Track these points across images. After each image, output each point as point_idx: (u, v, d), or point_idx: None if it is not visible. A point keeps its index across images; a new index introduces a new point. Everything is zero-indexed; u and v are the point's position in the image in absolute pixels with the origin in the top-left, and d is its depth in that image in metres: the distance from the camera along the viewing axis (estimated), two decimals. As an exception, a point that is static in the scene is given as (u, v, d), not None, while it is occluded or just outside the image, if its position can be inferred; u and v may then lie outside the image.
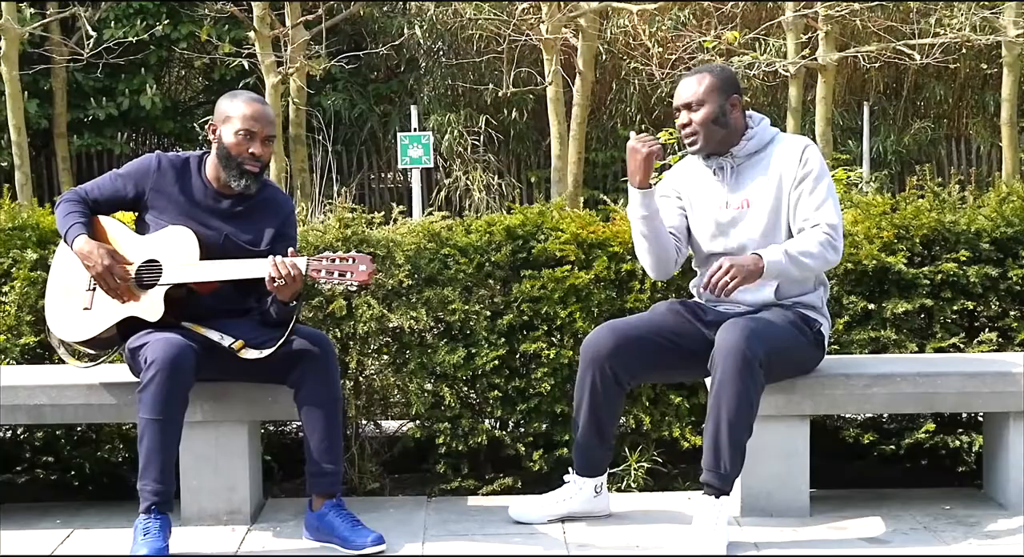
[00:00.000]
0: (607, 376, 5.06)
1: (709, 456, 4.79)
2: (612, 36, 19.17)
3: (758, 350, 4.72)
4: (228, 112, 5.09)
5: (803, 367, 5.14)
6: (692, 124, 5.07)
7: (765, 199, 5.04)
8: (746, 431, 4.77)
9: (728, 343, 4.74)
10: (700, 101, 5.05)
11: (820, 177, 4.97)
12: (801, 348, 5.02)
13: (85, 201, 5.10)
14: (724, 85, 5.10)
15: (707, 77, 5.09)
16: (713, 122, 5.06)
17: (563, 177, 14.21)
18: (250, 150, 5.02)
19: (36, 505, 5.64)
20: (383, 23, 20.86)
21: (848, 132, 19.83)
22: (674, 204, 5.28)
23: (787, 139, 5.12)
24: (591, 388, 5.09)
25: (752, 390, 4.73)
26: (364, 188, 21.06)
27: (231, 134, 5.04)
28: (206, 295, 4.99)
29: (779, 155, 5.06)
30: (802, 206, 4.98)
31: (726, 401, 4.72)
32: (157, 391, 4.66)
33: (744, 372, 4.70)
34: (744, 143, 5.10)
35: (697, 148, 5.10)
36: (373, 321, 5.59)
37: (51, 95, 19.19)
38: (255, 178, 5.07)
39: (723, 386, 4.73)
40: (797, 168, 5.00)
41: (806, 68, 15.18)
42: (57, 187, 19.07)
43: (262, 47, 14.31)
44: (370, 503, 5.53)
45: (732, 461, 4.75)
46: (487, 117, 20.02)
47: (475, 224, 5.91)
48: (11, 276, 5.75)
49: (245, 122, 5.04)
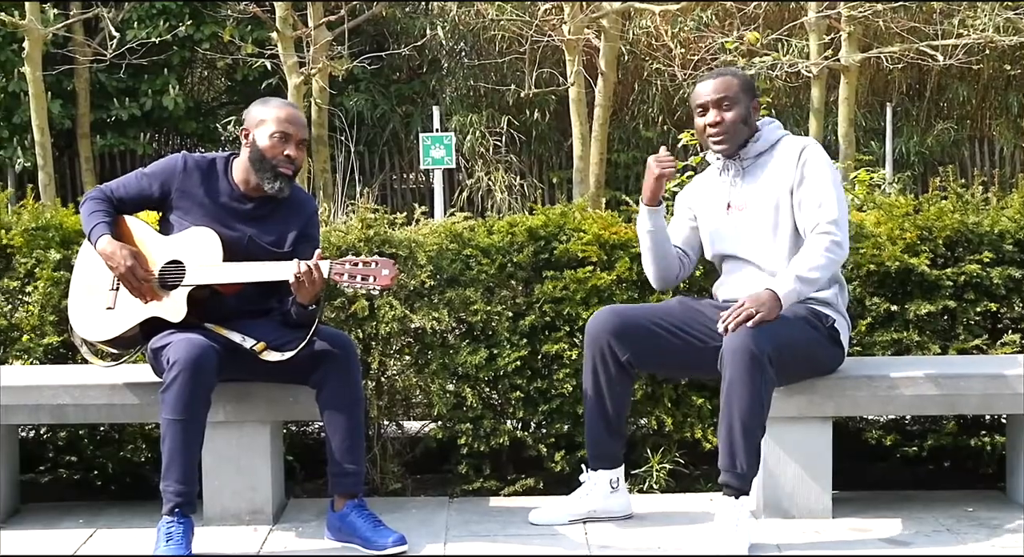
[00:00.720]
0: (606, 355, 5.07)
1: (725, 457, 4.79)
2: (634, 37, 19.15)
3: (766, 347, 4.70)
4: (262, 116, 5.11)
5: (820, 365, 5.11)
6: (724, 122, 5.07)
7: (765, 200, 5.05)
8: (759, 429, 4.76)
9: (735, 342, 4.73)
10: (732, 100, 5.07)
11: (819, 175, 4.98)
12: (814, 344, 4.99)
13: (110, 200, 5.11)
14: (749, 87, 5.13)
15: (734, 78, 5.11)
16: (743, 122, 5.08)
17: (585, 178, 14.21)
18: (285, 152, 5.04)
19: (59, 504, 5.66)
20: (405, 24, 20.88)
21: (871, 133, 19.79)
22: (686, 222, 5.35)
23: (791, 140, 5.13)
24: (593, 370, 5.12)
25: (763, 388, 4.72)
26: (386, 189, 21.08)
27: (266, 136, 5.05)
28: (229, 296, 5.00)
29: (780, 156, 5.08)
30: (805, 208, 4.98)
31: (737, 400, 4.72)
32: (180, 391, 4.67)
33: (753, 370, 4.69)
34: (751, 145, 5.12)
35: (725, 147, 5.11)
36: (395, 322, 5.59)
37: (74, 95, 19.26)
38: (288, 181, 5.08)
39: (733, 385, 4.73)
40: (795, 169, 5.00)
41: (829, 69, 15.16)
42: (80, 187, 19.14)
43: (285, 48, 14.34)
44: (392, 503, 5.53)
45: (748, 460, 4.75)
46: (509, 118, 20.03)
47: (497, 225, 5.90)
48: (35, 276, 5.77)
49: (280, 124, 5.06)
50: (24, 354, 5.70)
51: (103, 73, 19.05)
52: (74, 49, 17.68)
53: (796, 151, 5.04)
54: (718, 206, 5.19)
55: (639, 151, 20.10)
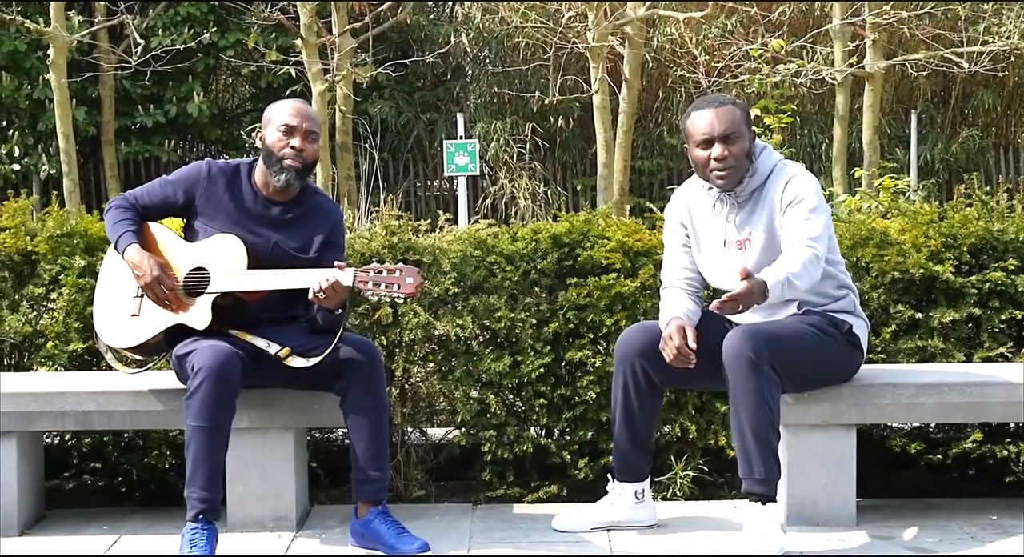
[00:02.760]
0: (638, 374, 5.08)
1: (742, 465, 4.80)
2: (659, 44, 19.14)
3: (762, 350, 4.70)
4: (270, 115, 5.17)
5: (836, 369, 5.11)
6: (731, 157, 4.95)
7: (763, 239, 4.99)
8: (770, 431, 4.76)
9: (732, 349, 4.75)
10: (737, 134, 4.96)
11: (803, 200, 4.90)
12: (827, 348, 4.97)
13: (135, 207, 5.13)
14: (749, 118, 5.05)
15: (736, 109, 5.00)
16: (746, 156, 4.99)
17: (609, 185, 14.19)
18: (291, 144, 5.05)
19: (83, 511, 5.67)
20: (430, 31, 20.89)
21: (895, 140, 19.74)
22: (682, 248, 5.24)
23: (782, 172, 5.02)
24: (623, 386, 5.12)
25: (765, 390, 4.71)
26: (410, 196, 21.09)
27: (273, 132, 5.08)
28: (253, 303, 5.01)
29: (771, 191, 4.99)
30: (787, 228, 4.92)
31: (742, 407, 4.73)
32: (204, 398, 4.68)
33: (752, 374, 4.69)
34: (747, 181, 5.02)
35: (728, 182, 5.01)
36: (419, 328, 5.60)
37: (99, 102, 19.32)
38: (297, 175, 5.08)
39: (736, 393, 4.74)
40: (783, 197, 4.94)
41: (853, 76, 15.14)
42: (105, 194, 19.18)
43: (309, 55, 14.36)
44: (416, 510, 5.54)
45: (765, 464, 4.74)
46: (533, 125, 20.01)
47: (521, 232, 5.90)
48: (59, 283, 5.79)
49: (285, 118, 5.09)
50: (49, 361, 5.72)
51: (128, 80, 19.11)
52: (99, 56, 17.72)
53: (782, 185, 4.96)
54: (715, 242, 5.13)
55: (663, 158, 20.09)
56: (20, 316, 5.80)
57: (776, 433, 4.79)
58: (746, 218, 5.04)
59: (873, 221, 5.96)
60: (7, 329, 5.75)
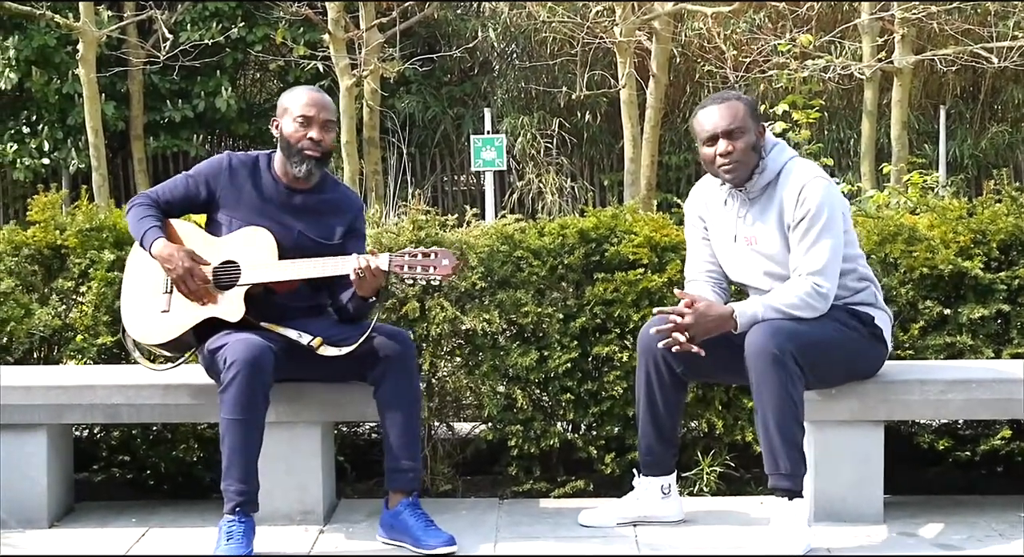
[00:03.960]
0: (660, 366, 5.09)
1: (768, 460, 4.80)
2: (686, 39, 19.09)
3: (786, 345, 4.70)
4: (285, 104, 5.19)
5: (860, 364, 5.09)
6: (736, 152, 4.94)
7: (770, 237, 4.99)
8: (795, 426, 4.76)
9: (755, 344, 4.75)
10: (742, 128, 4.95)
11: (816, 217, 4.86)
12: (850, 342, 4.96)
13: (156, 204, 5.15)
14: (754, 112, 5.02)
15: (740, 104, 4.99)
16: (752, 149, 4.97)
17: (636, 180, 14.17)
18: (308, 135, 5.07)
19: (112, 503, 5.70)
20: (457, 26, 20.89)
21: (924, 136, 19.66)
22: (702, 241, 5.26)
23: (795, 172, 4.98)
24: (646, 378, 5.13)
25: (789, 385, 4.71)
26: (437, 190, 21.11)
27: (290, 123, 5.11)
28: (280, 294, 5.02)
29: (784, 191, 4.95)
30: (794, 251, 4.92)
31: (766, 402, 4.73)
32: (238, 391, 4.70)
33: (776, 369, 4.69)
34: (756, 178, 5.00)
35: (736, 177, 5.01)
36: (446, 323, 5.60)
37: (128, 97, 19.38)
38: (316, 163, 5.11)
39: (760, 388, 4.75)
40: (795, 209, 4.91)
41: (882, 71, 15.09)
42: (133, 188, 19.25)
43: (336, 50, 14.37)
44: (442, 504, 5.54)
45: (790, 459, 4.74)
46: (560, 120, 20.01)
47: (548, 227, 5.91)
48: (88, 276, 5.82)
49: (301, 109, 5.11)
50: (78, 354, 5.74)
51: (156, 75, 19.15)
52: (128, 51, 17.78)
53: (796, 190, 4.91)
54: (726, 236, 5.13)
55: (690, 153, 20.03)
56: (50, 309, 5.83)
57: (801, 428, 4.79)
58: (757, 214, 5.03)
59: (902, 217, 5.95)
60: (37, 322, 5.77)
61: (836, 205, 4.92)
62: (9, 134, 19.29)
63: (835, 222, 4.90)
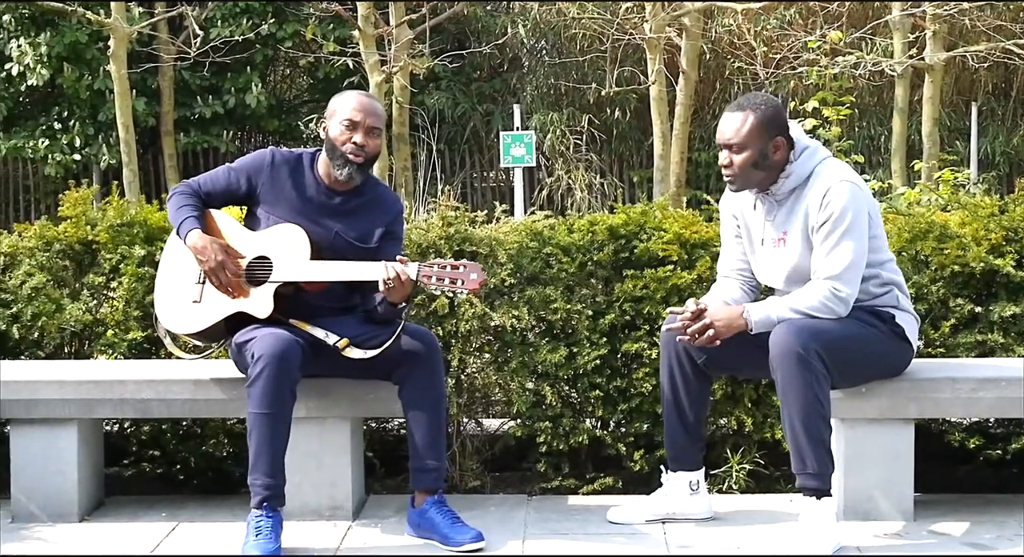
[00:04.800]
0: (681, 357, 5.10)
1: (795, 460, 4.80)
2: (716, 35, 19.05)
3: (811, 344, 4.69)
4: (334, 107, 5.17)
5: (887, 363, 5.07)
6: (733, 166, 4.95)
7: (795, 240, 4.96)
8: (822, 425, 4.75)
9: (780, 344, 4.73)
10: (741, 145, 4.92)
11: (839, 220, 4.84)
12: (872, 341, 4.94)
13: (198, 194, 5.17)
14: (767, 126, 4.92)
15: (750, 117, 4.92)
16: (753, 166, 4.93)
17: (666, 177, 14.16)
18: (353, 139, 5.06)
19: (142, 498, 5.72)
20: (486, 22, 20.89)
21: (956, 133, 19.57)
22: (735, 240, 5.26)
23: (823, 175, 4.94)
24: (669, 373, 5.14)
25: (815, 385, 4.70)
26: (467, 187, 21.11)
27: (336, 126, 5.10)
28: (312, 293, 5.03)
29: (811, 194, 4.92)
30: (815, 254, 4.91)
31: (792, 402, 4.73)
32: (265, 386, 4.71)
33: (801, 369, 4.68)
34: (782, 181, 4.98)
35: (735, 188, 5.05)
36: (475, 319, 5.61)
37: (159, 93, 19.43)
38: (359, 169, 5.10)
39: (786, 388, 4.74)
40: (818, 212, 4.88)
41: (913, 68, 15.03)
42: (164, 184, 19.30)
43: (366, 46, 14.39)
44: (471, 501, 5.55)
45: (817, 459, 4.74)
46: (590, 116, 19.97)
47: (577, 223, 5.91)
48: (119, 272, 5.84)
49: (348, 113, 5.10)
50: (109, 349, 5.77)
51: (187, 71, 19.19)
52: (158, 47, 17.83)
53: (821, 192, 4.88)
54: (755, 238, 5.14)
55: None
56: (81, 305, 5.85)
57: (828, 427, 4.78)
58: (784, 217, 5.01)
59: (933, 214, 5.92)
60: (68, 317, 5.79)
61: (861, 209, 4.89)
62: (41, 130, 19.35)
63: (859, 226, 4.87)
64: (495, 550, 4.88)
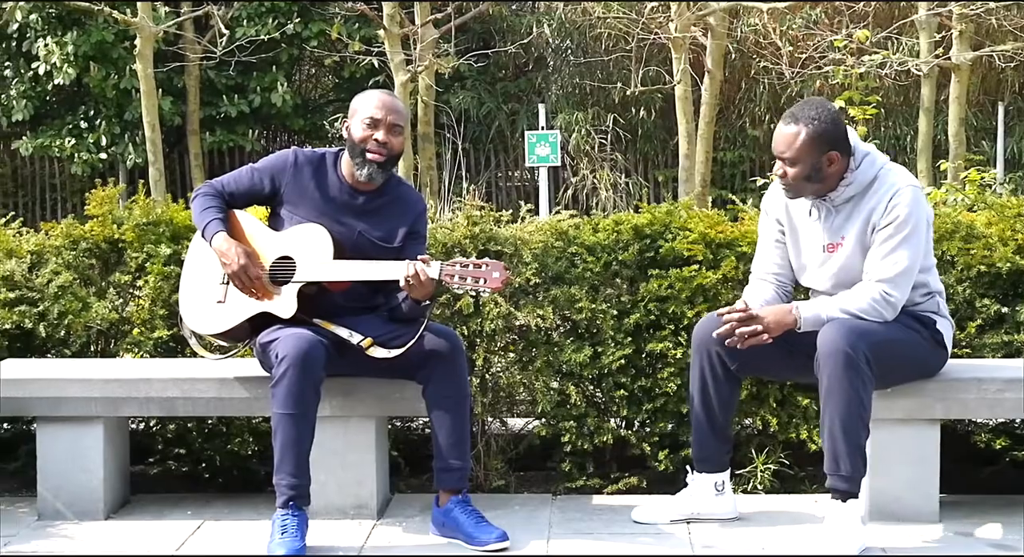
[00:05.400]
0: (714, 361, 5.09)
1: (829, 461, 4.78)
2: (742, 35, 19.02)
3: (861, 347, 4.68)
4: (356, 106, 5.18)
5: (924, 366, 5.07)
6: (788, 177, 4.93)
7: (852, 243, 4.95)
8: (862, 430, 4.74)
9: (829, 344, 4.72)
10: (794, 159, 4.89)
11: (902, 225, 4.83)
12: (915, 346, 4.95)
13: (221, 195, 5.17)
14: (820, 141, 4.87)
15: (803, 132, 4.87)
16: (805, 179, 4.92)
17: (691, 176, 14.13)
18: (374, 137, 5.06)
19: (167, 496, 5.74)
20: (512, 21, 20.90)
21: (982, 132, 19.51)
22: (775, 243, 5.24)
23: (887, 180, 4.94)
24: (699, 373, 5.13)
25: (860, 389, 4.69)
26: (492, 186, 21.11)
27: (358, 124, 5.10)
28: (336, 293, 5.04)
29: (874, 199, 4.91)
30: (871, 254, 4.90)
31: (835, 404, 4.70)
32: (289, 386, 4.72)
33: (850, 371, 4.66)
34: (842, 189, 4.96)
35: (791, 196, 5.05)
36: (500, 319, 5.61)
37: (184, 92, 19.47)
38: (379, 169, 5.10)
39: (831, 389, 4.71)
40: (884, 214, 4.87)
41: (939, 67, 14.97)
42: (190, 183, 19.35)
43: (392, 45, 14.39)
44: (495, 500, 5.55)
45: (852, 463, 4.72)
46: (615, 116, 19.96)
47: (603, 223, 5.90)
48: (145, 270, 5.85)
49: (370, 110, 5.11)
50: (135, 347, 5.78)
51: (213, 70, 19.23)
52: (184, 46, 17.87)
53: (887, 197, 4.87)
54: (809, 243, 5.11)
55: (745, 150, 19.99)
56: (107, 303, 5.87)
57: (866, 431, 4.76)
58: (841, 224, 4.99)
59: (959, 214, 5.90)
60: (94, 316, 5.81)
61: (923, 217, 4.90)
62: (67, 129, 19.41)
63: (918, 234, 4.87)
64: (519, 550, 4.89)
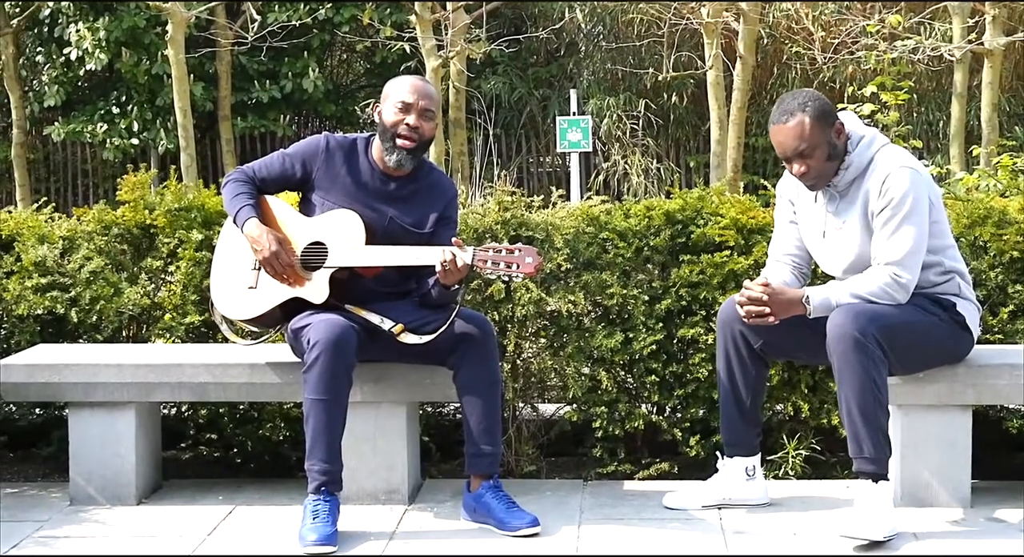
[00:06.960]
0: (738, 341, 5.11)
1: (852, 445, 4.79)
2: (774, 20, 18.93)
3: (868, 328, 4.68)
4: (388, 91, 5.19)
5: (946, 351, 5.05)
6: (811, 170, 4.91)
7: (857, 228, 4.95)
8: (878, 410, 4.74)
9: (837, 328, 4.73)
10: (812, 146, 4.87)
11: (899, 206, 4.82)
12: (932, 328, 4.93)
13: (252, 180, 5.18)
14: (822, 118, 4.89)
15: (806, 119, 4.86)
16: (827, 159, 4.91)
17: (722, 162, 14.10)
18: (406, 121, 5.06)
19: (199, 481, 5.77)
20: (543, 7, 20.84)
21: (1015, 118, 19.39)
22: (789, 225, 5.25)
23: (882, 162, 4.92)
24: (726, 357, 5.15)
25: (871, 369, 4.69)
26: (523, 171, 21.08)
27: (389, 109, 5.10)
28: (368, 278, 5.05)
29: (871, 181, 4.91)
30: (875, 239, 4.89)
31: (849, 387, 4.72)
32: (321, 372, 4.73)
33: (859, 354, 4.67)
34: (842, 173, 4.96)
35: (817, 187, 5.02)
36: (531, 304, 5.61)
37: (216, 78, 19.48)
38: (409, 154, 5.10)
39: (843, 373, 4.73)
40: (878, 198, 4.87)
41: (972, 53, 14.89)
42: (221, 168, 19.37)
43: (423, 31, 14.39)
44: (527, 485, 5.56)
45: (874, 443, 4.73)
46: (646, 101, 19.89)
47: (634, 208, 5.90)
48: (177, 256, 5.87)
49: (402, 95, 5.10)
50: (166, 333, 5.81)
51: (244, 56, 19.23)
52: (216, 32, 17.87)
53: (881, 179, 4.87)
54: (815, 228, 5.12)
55: (778, 135, 19.90)
56: (139, 288, 5.89)
57: (885, 412, 4.76)
58: (845, 207, 5.00)
59: (991, 200, 5.88)
60: (126, 301, 5.83)
61: (921, 194, 4.87)
62: (99, 114, 19.45)
63: (919, 211, 4.85)
64: (550, 535, 4.89)
